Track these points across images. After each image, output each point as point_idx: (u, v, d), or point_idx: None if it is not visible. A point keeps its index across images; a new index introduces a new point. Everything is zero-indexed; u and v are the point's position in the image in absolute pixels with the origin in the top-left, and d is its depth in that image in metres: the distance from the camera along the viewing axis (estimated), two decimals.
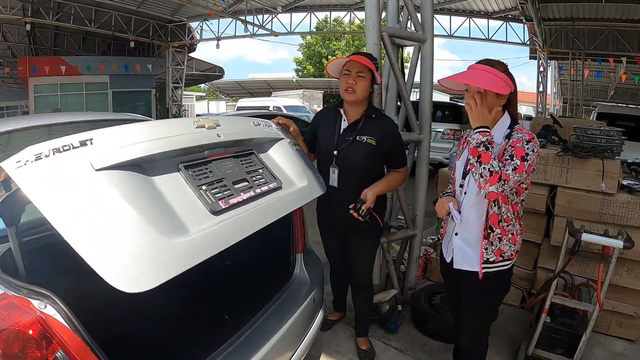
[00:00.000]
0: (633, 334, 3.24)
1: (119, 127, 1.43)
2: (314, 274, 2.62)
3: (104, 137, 1.34)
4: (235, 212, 1.59)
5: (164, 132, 1.53)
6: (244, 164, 1.86)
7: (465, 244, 2.22)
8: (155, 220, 1.31)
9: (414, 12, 3.33)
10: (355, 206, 2.51)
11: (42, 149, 1.20)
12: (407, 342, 3.22)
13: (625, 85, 20.82)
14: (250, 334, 2.07)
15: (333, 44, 35.86)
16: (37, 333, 1.27)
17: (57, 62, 16.62)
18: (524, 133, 2.01)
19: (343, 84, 2.57)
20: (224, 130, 1.78)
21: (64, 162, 1.21)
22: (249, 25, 16.87)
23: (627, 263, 3.06)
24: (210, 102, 36.32)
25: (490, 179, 1.92)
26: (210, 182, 1.62)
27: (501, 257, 2.14)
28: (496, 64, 2.04)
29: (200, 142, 1.64)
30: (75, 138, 1.28)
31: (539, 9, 13.57)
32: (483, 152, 1.95)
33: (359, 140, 2.58)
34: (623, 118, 8.72)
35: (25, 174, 1.15)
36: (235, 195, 1.66)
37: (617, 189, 3.07)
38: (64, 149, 1.23)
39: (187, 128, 1.64)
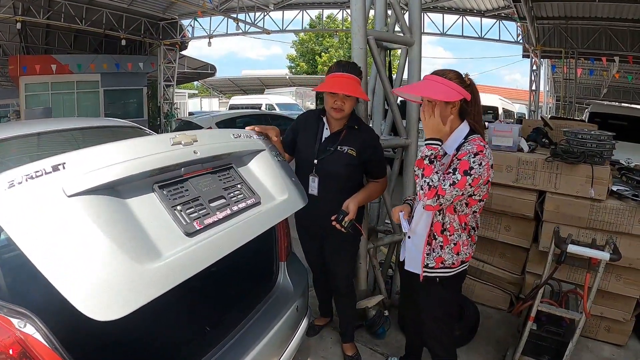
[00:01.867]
0: (621, 339, 3.24)
1: (93, 148, 1.40)
2: (298, 282, 2.59)
3: (76, 160, 1.32)
4: (210, 233, 1.57)
5: (138, 152, 1.50)
6: (222, 179, 1.83)
7: (414, 247, 2.30)
8: (128, 245, 1.30)
9: (401, 15, 3.28)
10: (338, 217, 2.51)
11: (15, 175, 1.19)
12: (393, 347, 3.20)
13: (618, 83, 20.90)
14: (232, 344, 2.04)
15: (326, 41, 35.78)
16: (17, 353, 1.26)
17: (47, 61, 16.47)
18: (474, 145, 2.01)
19: (329, 101, 2.51)
20: (201, 146, 1.74)
21: (36, 189, 1.21)
22: (241, 23, 16.80)
23: (616, 269, 3.04)
24: (203, 100, 36.19)
25: (428, 193, 1.97)
26: (186, 201, 1.60)
27: (441, 265, 2.19)
28: (448, 73, 2.08)
29: (176, 160, 1.61)
30: (48, 162, 1.26)
31: (532, 8, 13.57)
32: (426, 166, 2.00)
33: (340, 151, 2.59)
34: (616, 117, 8.73)
35: None
36: (211, 214, 1.63)
37: (606, 195, 3.04)
38: (36, 175, 1.22)
39: (162, 146, 1.60)
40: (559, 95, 22.56)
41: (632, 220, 2.95)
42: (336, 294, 3.02)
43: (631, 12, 12.37)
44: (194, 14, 17.11)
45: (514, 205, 3.38)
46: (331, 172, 2.60)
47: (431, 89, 2.04)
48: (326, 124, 2.67)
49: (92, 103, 17.36)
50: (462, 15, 16.59)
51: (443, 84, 2.03)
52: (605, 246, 2.49)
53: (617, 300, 3.15)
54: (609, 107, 12.20)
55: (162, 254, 1.37)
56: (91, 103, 17.34)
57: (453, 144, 2.11)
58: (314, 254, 2.95)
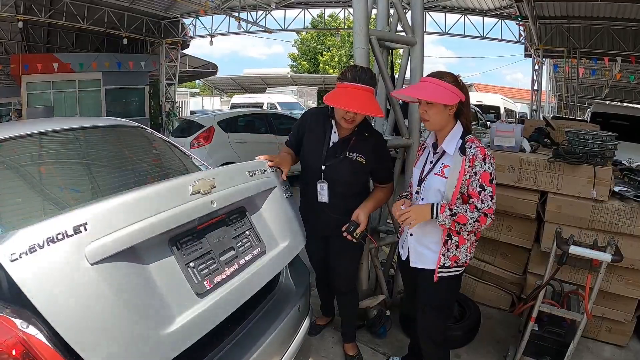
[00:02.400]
0: (622, 340, 3.23)
1: (112, 202, 1.42)
2: (300, 282, 2.58)
3: (97, 220, 1.34)
4: (219, 291, 1.69)
5: (158, 206, 1.55)
6: (233, 227, 1.94)
7: (420, 244, 2.35)
8: (144, 313, 1.38)
9: (403, 15, 3.27)
10: (349, 229, 2.50)
11: (36, 238, 1.19)
12: (394, 347, 3.20)
13: (620, 83, 20.84)
14: (234, 344, 2.02)
15: (328, 39, 35.75)
16: (20, 354, 1.25)
17: (49, 60, 16.47)
18: (476, 149, 2.12)
19: (341, 112, 2.43)
20: (219, 194, 1.83)
21: (59, 257, 1.22)
22: (243, 22, 16.78)
23: (617, 270, 3.03)
24: (205, 99, 36.16)
25: (481, 223, 2.08)
26: (199, 257, 1.70)
27: (455, 264, 2.26)
28: (445, 76, 2.16)
29: (193, 215, 1.69)
30: (69, 223, 1.27)
31: (535, 7, 13.54)
32: (460, 216, 2.08)
33: (349, 157, 2.55)
34: (618, 117, 8.70)
35: (20, 269, 1.15)
36: (220, 270, 1.75)
37: (608, 196, 3.04)
38: (57, 239, 1.23)
39: (181, 196, 1.67)
40: (560, 95, 22.53)
41: (634, 221, 2.94)
42: (339, 294, 3.00)
43: (634, 12, 12.33)
44: (196, 12, 17.10)
45: (515, 205, 3.38)
46: (339, 179, 2.58)
47: (433, 93, 2.11)
48: (334, 128, 2.60)
49: (94, 102, 17.35)
50: (464, 14, 16.56)
51: (443, 87, 2.10)
52: (607, 247, 2.49)
53: (618, 301, 3.14)
54: (611, 107, 12.17)
55: (175, 318, 1.47)
56: (93, 102, 17.34)
57: (452, 143, 2.21)
58: (318, 254, 2.92)
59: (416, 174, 2.39)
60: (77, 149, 2.55)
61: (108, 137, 2.81)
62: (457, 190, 2.14)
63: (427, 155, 2.37)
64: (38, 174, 2.19)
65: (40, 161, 2.31)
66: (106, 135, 2.81)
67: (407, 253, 2.43)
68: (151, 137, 2.96)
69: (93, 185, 2.30)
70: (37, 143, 2.32)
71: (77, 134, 2.59)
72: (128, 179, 2.43)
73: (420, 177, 2.34)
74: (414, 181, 2.41)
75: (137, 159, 2.76)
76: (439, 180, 2.21)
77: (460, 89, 2.14)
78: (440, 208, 2.10)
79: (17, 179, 2.04)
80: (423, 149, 2.46)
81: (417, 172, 2.38)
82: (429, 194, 2.27)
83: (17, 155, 2.17)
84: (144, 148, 2.91)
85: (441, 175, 2.21)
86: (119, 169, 2.55)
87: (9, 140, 2.17)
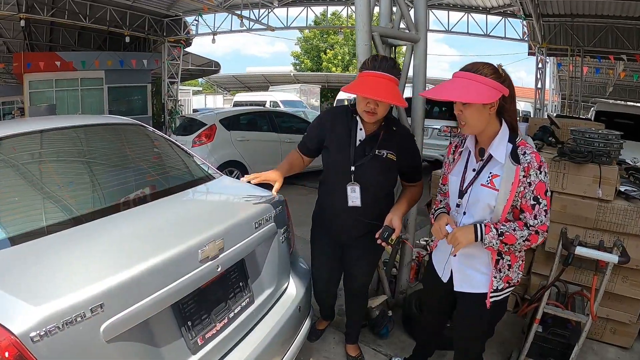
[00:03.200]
0: (627, 342, 3.20)
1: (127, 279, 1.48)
2: (300, 282, 2.56)
3: (113, 299, 1.42)
4: (210, 346, 1.80)
5: (168, 277, 1.62)
6: (230, 281, 2.02)
7: (467, 266, 2.09)
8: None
9: (406, 11, 3.24)
10: (383, 235, 2.27)
11: (56, 320, 1.28)
12: (397, 347, 3.17)
13: (624, 82, 20.79)
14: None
15: (331, 38, 35.72)
16: (13, 356, 1.23)
17: (51, 58, 16.49)
18: (531, 156, 1.85)
19: (362, 104, 2.26)
20: (226, 257, 1.90)
21: (78, 336, 1.32)
22: (245, 20, 16.76)
23: (622, 271, 3.00)
24: (207, 97, 36.21)
25: (532, 242, 1.87)
26: (195, 314, 1.78)
27: (508, 284, 2.04)
28: (481, 68, 1.83)
29: (199, 283, 1.77)
30: (87, 304, 1.35)
31: (538, 5, 13.49)
32: (507, 236, 1.86)
33: (379, 155, 2.37)
34: (622, 116, 8.67)
35: (42, 349, 1.24)
36: (213, 325, 1.84)
37: (614, 196, 3.00)
38: (76, 321, 1.32)
39: (191, 264, 1.73)
40: (564, 94, 22.45)
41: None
42: (351, 297, 2.86)
43: (638, 10, 12.26)
44: (199, 10, 17.08)
45: None
46: (371, 180, 2.39)
47: (466, 91, 1.79)
48: (359, 124, 2.41)
49: (96, 100, 17.38)
50: (468, 12, 16.49)
51: (478, 82, 1.79)
52: (614, 248, 2.45)
53: (622, 302, 3.11)
54: (615, 106, 12.10)
55: None
56: (95, 100, 17.37)
57: (501, 148, 1.90)
58: (331, 259, 2.73)
59: (454, 183, 2.08)
60: (78, 147, 2.54)
61: (109, 135, 2.80)
62: (509, 204, 1.88)
63: (467, 161, 2.06)
64: (39, 171, 2.17)
65: (42, 159, 2.29)
66: (107, 133, 2.80)
67: (449, 274, 2.17)
68: (152, 135, 2.94)
69: (94, 183, 2.28)
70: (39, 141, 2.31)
71: (78, 131, 2.58)
72: (129, 178, 2.42)
73: (460, 187, 2.04)
74: (451, 191, 2.11)
75: (138, 157, 2.74)
76: (488, 193, 1.91)
77: (502, 82, 1.82)
78: (484, 228, 1.87)
79: (18, 177, 2.03)
80: (459, 153, 2.12)
81: (456, 181, 2.07)
82: (475, 208, 1.98)
83: (18, 153, 2.16)
84: (145, 146, 2.90)
85: (491, 187, 1.91)
86: (120, 167, 2.53)
87: (11, 137, 2.16)
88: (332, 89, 31.77)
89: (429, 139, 9.36)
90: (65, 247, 1.64)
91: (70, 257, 1.58)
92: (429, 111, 9.57)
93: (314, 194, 2.74)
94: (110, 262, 1.56)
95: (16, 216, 1.80)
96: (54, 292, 1.34)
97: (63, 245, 1.65)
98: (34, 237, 1.64)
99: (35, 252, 1.58)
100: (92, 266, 1.53)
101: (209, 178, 2.67)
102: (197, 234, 1.83)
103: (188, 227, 1.93)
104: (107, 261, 1.57)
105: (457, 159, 2.12)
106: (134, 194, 2.22)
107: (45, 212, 1.87)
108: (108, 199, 2.14)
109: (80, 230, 1.76)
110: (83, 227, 1.79)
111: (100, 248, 1.68)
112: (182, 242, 1.75)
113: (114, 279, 1.45)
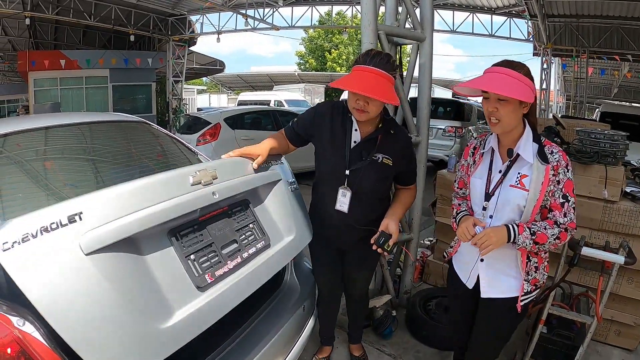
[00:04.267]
0: (631, 344, 3.18)
1: (109, 192, 1.40)
2: (305, 282, 2.55)
3: (93, 209, 1.31)
4: (220, 285, 1.65)
5: (157, 196, 1.51)
6: (236, 219, 1.90)
7: (495, 270, 2.00)
8: (143, 306, 1.35)
9: (412, 9, 3.23)
10: (378, 241, 2.18)
11: (30, 227, 1.16)
12: (400, 347, 3.16)
13: (630, 83, 20.74)
14: (238, 342, 2.00)
15: (336, 37, 35.80)
16: (15, 352, 1.23)
17: (56, 56, 16.60)
18: (559, 154, 1.82)
19: (351, 100, 2.11)
20: (221, 185, 1.79)
21: (52, 245, 1.19)
22: (250, 19, 16.79)
23: (627, 272, 2.98)
24: (212, 96, 36.31)
25: (562, 239, 1.83)
26: (199, 249, 1.66)
27: (535, 287, 1.98)
28: (517, 66, 1.78)
29: (194, 206, 1.64)
30: (64, 212, 1.24)
31: (543, 6, 13.47)
32: (539, 235, 1.81)
33: (375, 159, 2.23)
34: (627, 117, 8.64)
35: (12, 257, 1.12)
36: (222, 263, 1.72)
37: (620, 197, 2.98)
38: (51, 228, 1.20)
39: (181, 187, 1.62)
40: (569, 95, 22.41)
41: None
42: (351, 301, 2.82)
43: None
44: (203, 9, 17.13)
45: None
46: (366, 186, 2.25)
47: (510, 87, 1.72)
48: (355, 124, 2.24)
49: (101, 98, 17.49)
50: (473, 12, 16.53)
51: (518, 80, 1.74)
52: (620, 249, 2.43)
53: (627, 303, 3.09)
54: (620, 107, 12.10)
55: (174, 312, 1.43)
56: (100, 98, 17.49)
57: (527, 148, 1.85)
58: (332, 270, 2.63)
59: (479, 186, 1.99)
60: (83, 144, 2.55)
61: (114, 132, 2.80)
62: (539, 203, 1.83)
63: (491, 163, 1.98)
64: (43, 168, 2.17)
65: (46, 155, 2.30)
66: (112, 130, 2.81)
67: (474, 281, 2.07)
68: (157, 132, 2.94)
69: (98, 179, 2.29)
70: (43, 137, 2.32)
71: (83, 128, 2.59)
72: (133, 174, 2.42)
73: (487, 190, 1.96)
74: (476, 195, 2.01)
75: (142, 155, 2.75)
76: (518, 194, 1.85)
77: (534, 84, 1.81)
78: (518, 228, 1.81)
79: (23, 173, 2.03)
80: (480, 155, 2.04)
81: (481, 183, 1.98)
82: (504, 210, 1.91)
83: (23, 149, 2.17)
84: (150, 143, 2.90)
85: (521, 187, 1.85)
86: (124, 164, 2.54)
87: (16, 134, 2.17)
88: (336, 88, 31.81)
89: (434, 139, 9.36)
90: None
91: None
92: (433, 111, 9.58)
93: None
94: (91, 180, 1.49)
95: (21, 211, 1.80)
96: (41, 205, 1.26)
97: None
98: None
99: None
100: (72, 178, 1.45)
101: None
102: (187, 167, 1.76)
103: None
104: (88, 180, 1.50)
105: (479, 161, 2.03)
106: None
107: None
108: None
109: None
110: None
111: None
112: (170, 170, 1.68)
113: (96, 193, 1.38)
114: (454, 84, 31.48)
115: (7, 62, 19.71)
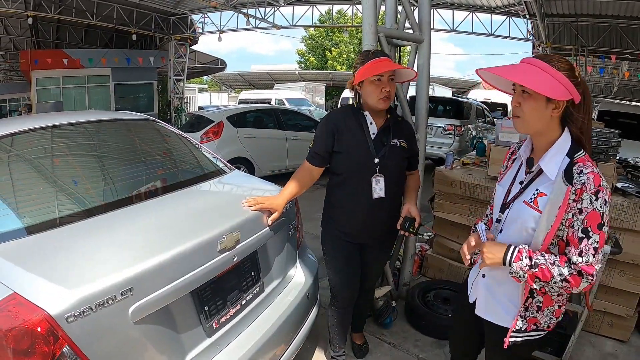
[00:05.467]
0: (624, 335, 3.26)
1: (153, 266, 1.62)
2: (309, 270, 2.65)
3: (141, 284, 1.56)
4: (224, 330, 1.94)
5: (189, 265, 1.76)
6: (242, 270, 2.13)
7: (491, 293, 1.76)
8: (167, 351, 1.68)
9: (410, 12, 3.33)
10: (404, 225, 2.35)
11: (90, 302, 1.40)
12: (400, 337, 3.26)
13: (629, 82, 20.72)
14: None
15: (336, 36, 35.72)
16: (45, 330, 1.33)
17: (59, 55, 16.63)
18: (588, 176, 1.46)
19: (376, 92, 2.26)
20: (242, 248, 2.04)
21: (109, 317, 1.46)
22: (251, 19, 16.82)
23: (619, 265, 3.08)
24: (213, 94, 36.26)
25: (572, 284, 1.46)
26: (212, 301, 1.91)
27: (534, 326, 1.67)
28: (557, 61, 1.51)
29: (218, 271, 1.91)
30: (117, 288, 1.48)
31: (542, 5, 13.51)
32: (536, 275, 1.49)
33: (394, 144, 2.40)
34: (625, 116, 8.70)
35: (76, 329, 1.37)
36: (227, 311, 1.97)
37: (611, 192, 3.06)
38: (108, 303, 1.45)
39: (210, 254, 1.87)
40: None
41: (636, 217, 2.97)
42: (361, 292, 2.78)
43: None
44: (204, 9, 17.15)
45: None
46: (394, 169, 2.41)
47: (531, 76, 1.48)
48: (369, 118, 2.40)
49: (103, 97, 17.51)
50: (472, 11, 16.55)
51: (549, 74, 1.48)
52: (608, 240, 2.52)
53: (620, 295, 3.18)
54: (619, 106, 12.11)
55: (186, 354, 1.75)
56: (102, 97, 17.50)
57: (554, 161, 1.55)
58: (355, 266, 2.62)
59: (500, 194, 1.76)
60: (91, 142, 2.60)
61: (122, 130, 2.87)
62: (553, 232, 1.50)
63: (518, 171, 1.73)
64: (52, 166, 2.23)
65: (54, 154, 2.35)
66: (120, 128, 2.87)
67: (475, 296, 1.86)
68: (163, 130, 3.01)
69: (106, 177, 2.34)
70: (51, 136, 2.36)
71: (90, 127, 2.64)
72: (140, 172, 2.51)
73: (504, 201, 1.72)
74: (495, 203, 1.80)
75: (150, 152, 2.81)
76: (528, 214, 1.57)
77: (576, 86, 1.49)
78: (516, 253, 1.52)
79: (32, 171, 2.10)
80: (513, 161, 1.82)
81: (502, 192, 1.75)
82: (512, 228, 1.65)
83: (31, 148, 2.21)
84: (157, 141, 2.98)
85: (534, 206, 1.56)
86: (132, 161, 2.60)
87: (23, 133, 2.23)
88: (337, 87, 31.83)
89: (433, 137, 9.41)
90: (90, 235, 1.76)
91: (98, 245, 1.69)
92: (433, 109, 9.66)
93: (323, 191, 2.68)
94: (137, 250, 1.68)
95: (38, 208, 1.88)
96: (86, 276, 1.46)
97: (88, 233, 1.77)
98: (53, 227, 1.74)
99: (59, 241, 1.69)
100: (121, 253, 1.64)
101: (220, 172, 2.76)
102: (217, 226, 1.95)
103: (207, 219, 2.06)
104: (134, 249, 1.68)
105: (509, 167, 1.82)
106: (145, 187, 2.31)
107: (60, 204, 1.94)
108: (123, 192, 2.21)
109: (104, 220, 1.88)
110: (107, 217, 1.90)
111: (125, 237, 1.79)
112: (203, 233, 1.87)
113: (143, 265, 1.58)
114: (453, 82, 31.60)
115: (8, 60, 19.74)
